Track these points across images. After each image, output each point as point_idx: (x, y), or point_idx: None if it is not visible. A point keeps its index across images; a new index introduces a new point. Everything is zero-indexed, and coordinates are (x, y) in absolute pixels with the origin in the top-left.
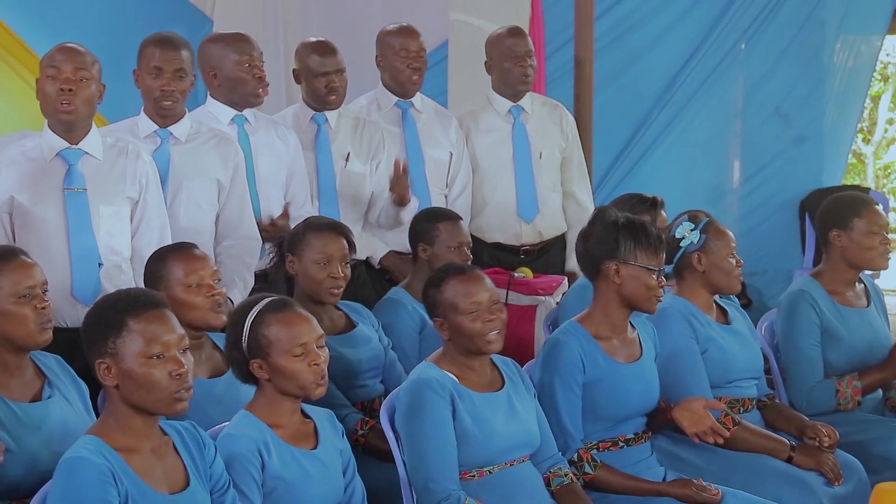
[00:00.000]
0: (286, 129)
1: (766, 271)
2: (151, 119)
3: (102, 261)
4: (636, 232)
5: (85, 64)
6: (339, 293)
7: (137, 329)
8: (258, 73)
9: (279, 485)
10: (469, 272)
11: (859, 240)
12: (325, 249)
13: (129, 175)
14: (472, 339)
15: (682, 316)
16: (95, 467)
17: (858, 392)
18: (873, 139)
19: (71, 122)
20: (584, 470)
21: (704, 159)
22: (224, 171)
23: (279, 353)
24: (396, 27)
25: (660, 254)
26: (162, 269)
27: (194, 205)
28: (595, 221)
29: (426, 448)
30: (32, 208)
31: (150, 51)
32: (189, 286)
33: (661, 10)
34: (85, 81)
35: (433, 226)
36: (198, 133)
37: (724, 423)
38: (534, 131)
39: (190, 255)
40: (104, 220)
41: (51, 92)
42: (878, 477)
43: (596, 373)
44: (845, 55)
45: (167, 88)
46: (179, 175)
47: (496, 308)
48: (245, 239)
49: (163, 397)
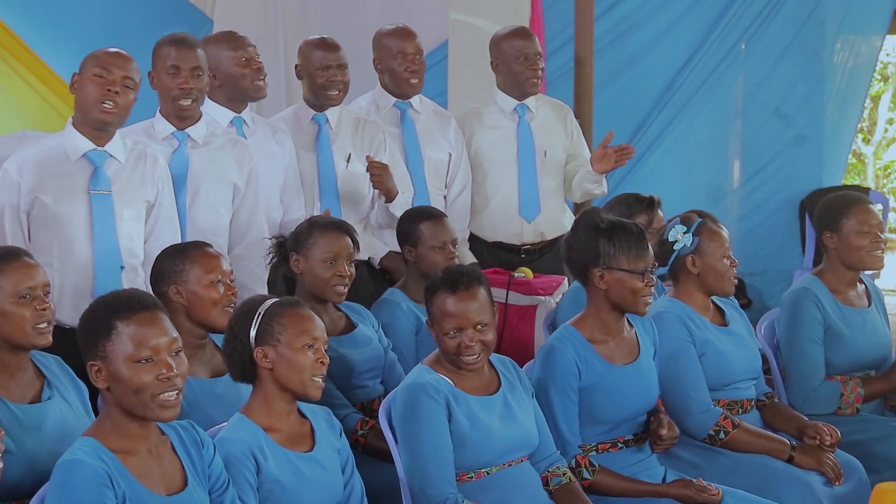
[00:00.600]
0: (283, 134)
1: (766, 271)
2: (168, 121)
3: (123, 263)
4: (616, 236)
5: (133, 71)
6: (345, 292)
7: (127, 332)
8: (255, 65)
9: (276, 487)
10: (460, 290)
11: (849, 240)
12: (332, 248)
13: (148, 179)
14: (450, 357)
15: (678, 319)
16: (92, 470)
17: (860, 399)
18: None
19: (109, 123)
20: (583, 475)
21: (704, 159)
22: (240, 174)
23: (290, 341)
24: (392, 29)
25: (644, 255)
26: (181, 263)
27: (212, 207)
28: (577, 227)
29: (422, 452)
30: (56, 208)
31: (166, 50)
32: (212, 283)
33: (661, 11)
34: (129, 89)
35: (415, 227)
36: (214, 136)
37: (723, 426)
38: (538, 130)
39: (208, 253)
40: (126, 223)
41: (94, 92)
42: (878, 477)
43: (592, 377)
44: (845, 55)
45: (186, 86)
46: (198, 178)
47: (480, 331)
48: (255, 243)
49: (148, 402)
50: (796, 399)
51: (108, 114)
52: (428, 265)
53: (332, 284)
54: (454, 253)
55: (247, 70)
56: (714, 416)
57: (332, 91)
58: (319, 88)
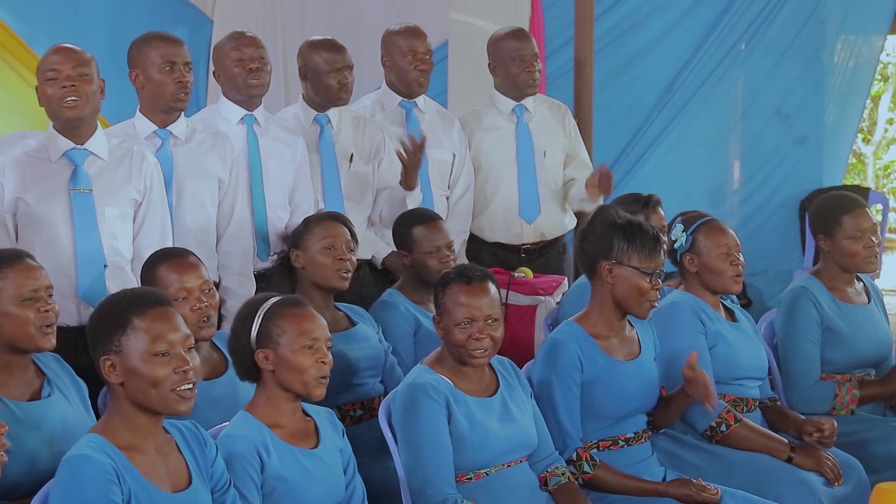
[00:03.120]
0: (295, 135)
1: (767, 271)
2: (149, 119)
3: (107, 262)
4: (632, 233)
5: (83, 61)
6: (348, 277)
7: (142, 327)
8: (249, 65)
9: (280, 485)
10: (475, 282)
11: (843, 246)
12: (329, 234)
13: (133, 177)
14: (458, 350)
15: (692, 310)
16: (99, 465)
17: (855, 401)
18: (873, 139)
19: (79, 118)
20: (583, 469)
21: (705, 160)
22: (223, 168)
23: (289, 343)
24: (403, 28)
25: (655, 257)
26: (152, 276)
27: (198, 205)
28: (594, 220)
29: (422, 452)
30: (38, 209)
31: (156, 46)
32: (175, 299)
33: (661, 11)
34: (86, 77)
35: (408, 232)
36: (195, 132)
37: (726, 418)
38: (537, 130)
39: (178, 264)
40: (108, 222)
41: (54, 93)
42: (878, 477)
43: (594, 371)
44: (846, 55)
45: (183, 80)
46: (183, 176)
47: (490, 325)
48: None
49: (167, 395)
50: (792, 397)
51: (74, 108)
52: (423, 270)
53: (335, 269)
54: (449, 256)
55: (238, 70)
56: (718, 408)
57: (343, 93)
58: (330, 90)
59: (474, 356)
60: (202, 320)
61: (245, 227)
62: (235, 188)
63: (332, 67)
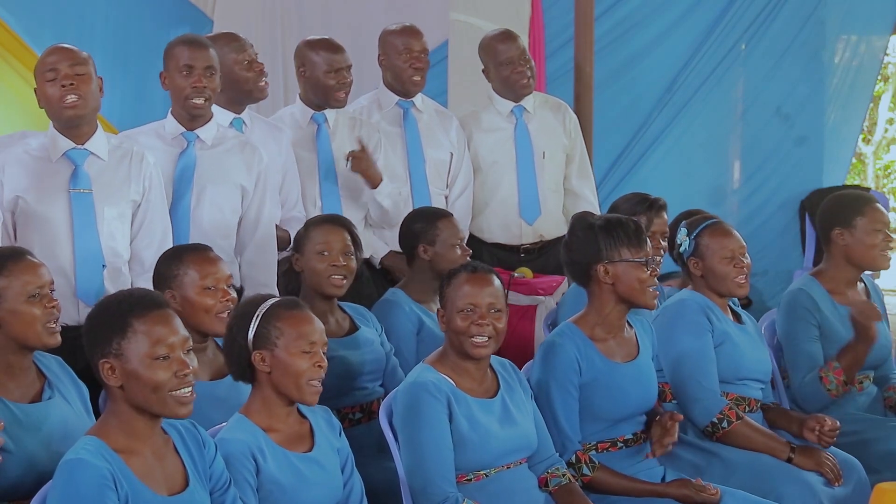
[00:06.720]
0: (280, 132)
1: (767, 272)
2: (179, 121)
3: (105, 262)
4: (614, 230)
5: (80, 60)
6: (343, 284)
7: (143, 330)
8: (258, 67)
9: (275, 489)
10: (480, 273)
11: (862, 238)
12: (325, 239)
13: (133, 177)
14: (459, 338)
15: (700, 308)
16: (95, 470)
17: (840, 372)
18: (873, 139)
19: (80, 116)
20: (583, 471)
21: (705, 160)
22: (248, 176)
23: (286, 346)
24: (400, 27)
25: (643, 245)
26: (177, 268)
27: (216, 208)
28: (574, 229)
29: (423, 451)
30: (37, 208)
31: (179, 50)
32: (205, 288)
33: (661, 11)
34: (84, 76)
35: (432, 225)
36: (224, 138)
37: (727, 415)
38: (536, 131)
39: (206, 257)
40: (107, 222)
41: (53, 93)
42: (878, 477)
43: (593, 373)
44: (847, 55)
45: (199, 85)
46: (203, 179)
47: (493, 314)
48: (262, 247)
49: (167, 399)
50: (797, 396)
51: (75, 107)
52: (447, 262)
53: (328, 275)
54: (468, 251)
55: (250, 73)
56: (720, 405)
57: (341, 93)
58: (329, 90)
59: (475, 344)
60: (224, 313)
61: (271, 238)
62: (262, 197)
63: (331, 67)
